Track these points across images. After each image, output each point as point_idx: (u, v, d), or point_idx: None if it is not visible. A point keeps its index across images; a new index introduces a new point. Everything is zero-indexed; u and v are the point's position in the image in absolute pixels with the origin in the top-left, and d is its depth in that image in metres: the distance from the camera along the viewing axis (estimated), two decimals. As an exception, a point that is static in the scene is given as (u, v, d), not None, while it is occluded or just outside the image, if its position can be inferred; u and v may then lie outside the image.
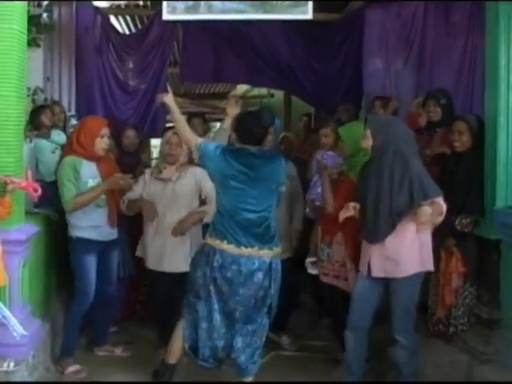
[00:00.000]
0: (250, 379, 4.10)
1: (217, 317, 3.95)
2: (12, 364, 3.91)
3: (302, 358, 4.88)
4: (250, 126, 3.99)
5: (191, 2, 5.03)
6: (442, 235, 4.44)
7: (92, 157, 4.56)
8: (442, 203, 3.79)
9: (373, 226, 3.91)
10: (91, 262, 4.56)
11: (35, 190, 3.96)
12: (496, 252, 4.28)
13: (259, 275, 3.88)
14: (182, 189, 4.66)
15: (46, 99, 6.09)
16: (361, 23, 6.88)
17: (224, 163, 3.89)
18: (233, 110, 4.46)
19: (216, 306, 3.94)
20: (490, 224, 4.30)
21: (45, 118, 5.56)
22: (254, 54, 7.21)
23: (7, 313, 3.79)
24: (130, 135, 5.79)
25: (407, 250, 3.88)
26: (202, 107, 13.91)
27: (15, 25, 4.14)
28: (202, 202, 4.70)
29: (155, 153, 11.99)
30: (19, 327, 3.79)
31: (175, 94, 12.52)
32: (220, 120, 14.60)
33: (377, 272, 3.96)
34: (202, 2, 5.03)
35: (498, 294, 4.26)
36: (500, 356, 4.10)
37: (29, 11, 4.58)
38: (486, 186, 4.39)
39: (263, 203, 3.92)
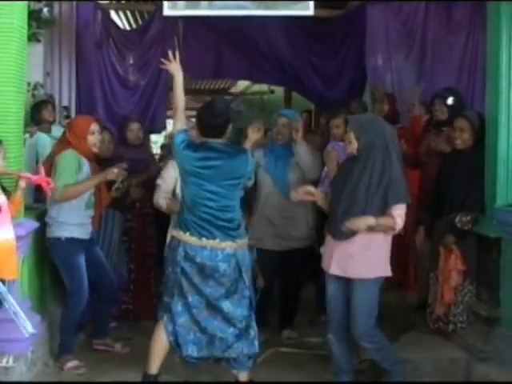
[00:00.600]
0: (245, 374, 4.06)
1: (194, 311, 3.89)
2: (11, 359, 3.93)
3: (301, 355, 4.86)
4: (205, 119, 3.96)
5: (192, -3, 5.02)
6: (441, 233, 4.47)
7: (88, 154, 4.56)
8: (396, 218, 3.69)
9: (335, 223, 3.80)
10: (82, 261, 4.53)
11: (48, 183, 3.97)
12: (496, 250, 4.28)
13: (224, 267, 3.84)
14: None
15: (45, 94, 6.07)
16: (362, 20, 6.86)
17: (185, 158, 3.88)
18: (255, 136, 4.43)
19: (191, 300, 3.88)
20: (489, 222, 4.30)
21: (46, 113, 5.58)
22: (255, 50, 7.19)
23: (18, 309, 3.78)
24: (134, 128, 5.73)
25: (372, 251, 3.77)
26: (201, 103, 13.86)
27: (15, 20, 4.16)
28: None
29: (155, 148, 12.01)
30: (28, 324, 3.79)
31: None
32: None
33: (334, 269, 3.84)
34: (204, -2, 5.03)
35: (497, 292, 4.27)
36: (499, 354, 4.12)
37: (29, 6, 4.57)
38: (486, 184, 4.39)
39: (225, 197, 3.88)
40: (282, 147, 5.09)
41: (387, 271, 3.85)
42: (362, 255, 3.75)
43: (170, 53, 4.14)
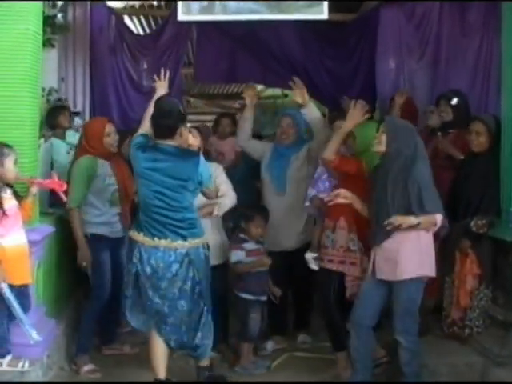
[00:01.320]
0: (205, 361, 4.22)
1: (158, 308, 3.98)
2: (27, 364, 3.93)
3: (315, 359, 4.85)
4: (154, 119, 3.99)
5: (206, 3, 5.01)
6: (457, 237, 4.44)
7: (105, 154, 4.62)
8: (436, 217, 3.80)
9: (374, 229, 3.95)
10: (106, 258, 4.61)
11: (61, 186, 4.04)
12: (511, 254, 4.27)
13: (176, 267, 3.91)
14: None
15: (60, 99, 6.11)
16: (375, 23, 6.83)
17: (135, 159, 3.99)
18: (253, 99, 4.55)
19: (151, 295, 3.97)
20: (505, 225, 4.31)
21: (63, 119, 5.64)
22: (268, 54, 7.19)
23: (23, 316, 3.83)
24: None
25: (406, 254, 3.84)
26: (214, 107, 13.93)
27: (31, 25, 4.19)
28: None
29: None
30: (33, 332, 3.85)
31: (189, 95, 12.44)
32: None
33: (379, 274, 3.96)
34: (217, 3, 5.01)
35: (513, 296, 4.24)
36: (516, 358, 4.08)
37: (44, 12, 4.59)
38: (501, 188, 4.39)
39: (173, 199, 3.91)
40: (285, 147, 5.09)
41: (424, 270, 3.91)
42: (398, 258, 3.84)
43: (162, 70, 4.45)
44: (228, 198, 4.62)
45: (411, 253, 3.84)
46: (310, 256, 4.66)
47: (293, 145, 5.09)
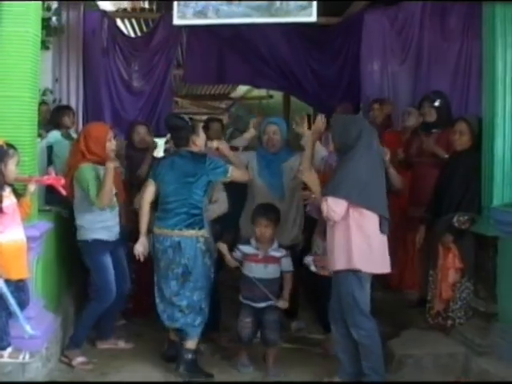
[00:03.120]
0: (191, 343, 4.47)
1: (156, 289, 4.59)
2: (27, 356, 4.06)
3: (302, 351, 4.95)
4: (171, 133, 4.88)
5: (200, 6, 5.13)
6: (440, 232, 4.61)
7: (103, 160, 4.58)
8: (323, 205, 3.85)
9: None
10: (108, 260, 4.67)
11: (58, 181, 4.17)
12: (492, 248, 4.40)
13: (169, 251, 4.44)
14: None
15: (54, 100, 6.22)
16: (359, 27, 7.03)
17: (157, 175, 4.59)
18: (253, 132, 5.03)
19: (155, 279, 4.58)
20: (486, 221, 4.41)
21: (67, 120, 5.74)
22: (256, 56, 7.35)
23: (17, 311, 3.93)
24: (140, 131, 5.81)
25: (335, 246, 3.93)
26: (202, 108, 14.03)
27: (30, 28, 4.30)
28: None
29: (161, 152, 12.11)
30: (27, 326, 3.96)
31: (176, 95, 12.51)
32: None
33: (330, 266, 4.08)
34: (210, 7, 5.14)
35: (494, 289, 4.39)
36: (497, 348, 4.23)
37: (40, 14, 4.69)
38: (483, 185, 4.50)
39: (181, 193, 4.46)
40: (272, 153, 5.17)
41: (357, 264, 3.88)
42: (334, 249, 3.96)
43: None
44: (219, 205, 4.86)
45: (339, 245, 3.91)
46: (309, 259, 4.77)
47: (280, 151, 5.18)
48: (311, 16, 5.28)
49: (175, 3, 5.30)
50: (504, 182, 4.41)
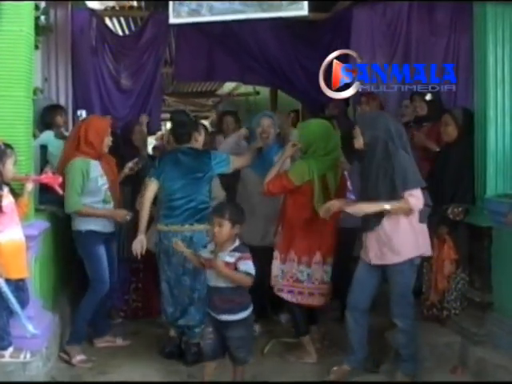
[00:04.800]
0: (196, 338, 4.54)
1: (165, 285, 4.68)
2: (28, 355, 4.08)
3: (299, 345, 4.92)
4: (173, 129, 4.98)
5: (194, 5, 5.17)
6: (435, 224, 4.65)
7: (98, 155, 4.68)
8: (408, 199, 3.90)
9: (366, 216, 4.05)
10: (102, 252, 4.71)
11: (55, 180, 4.21)
12: (487, 238, 4.47)
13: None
14: None
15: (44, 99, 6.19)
16: (348, 22, 7.03)
17: (160, 173, 4.67)
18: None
19: (163, 276, 4.68)
20: (480, 212, 4.48)
21: (59, 119, 5.73)
22: (246, 53, 7.37)
23: (19, 311, 3.94)
24: (137, 131, 5.83)
25: (400, 236, 4.00)
26: (189, 105, 14.01)
27: (24, 27, 4.30)
28: None
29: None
30: (29, 325, 3.98)
31: (164, 93, 12.45)
32: (206, 118, 14.76)
33: (374, 260, 4.10)
34: (204, 4, 5.17)
35: (489, 279, 4.46)
36: (492, 337, 4.31)
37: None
38: (476, 176, 4.58)
39: (189, 190, 4.61)
40: (265, 146, 5.20)
41: (419, 251, 4.07)
42: (392, 242, 4.00)
43: None
44: (217, 202, 4.79)
45: (404, 235, 4.00)
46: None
47: (273, 144, 5.23)
48: (303, 10, 5.32)
49: (170, 3, 5.33)
50: (497, 173, 4.50)
